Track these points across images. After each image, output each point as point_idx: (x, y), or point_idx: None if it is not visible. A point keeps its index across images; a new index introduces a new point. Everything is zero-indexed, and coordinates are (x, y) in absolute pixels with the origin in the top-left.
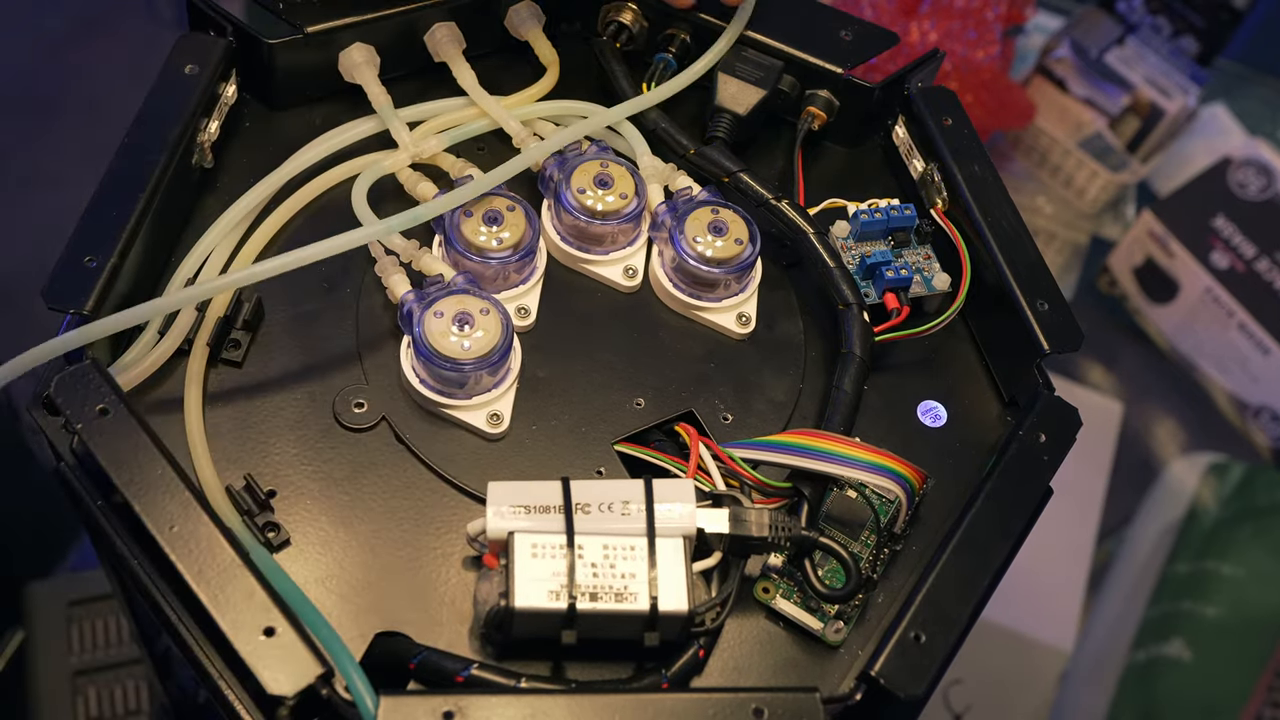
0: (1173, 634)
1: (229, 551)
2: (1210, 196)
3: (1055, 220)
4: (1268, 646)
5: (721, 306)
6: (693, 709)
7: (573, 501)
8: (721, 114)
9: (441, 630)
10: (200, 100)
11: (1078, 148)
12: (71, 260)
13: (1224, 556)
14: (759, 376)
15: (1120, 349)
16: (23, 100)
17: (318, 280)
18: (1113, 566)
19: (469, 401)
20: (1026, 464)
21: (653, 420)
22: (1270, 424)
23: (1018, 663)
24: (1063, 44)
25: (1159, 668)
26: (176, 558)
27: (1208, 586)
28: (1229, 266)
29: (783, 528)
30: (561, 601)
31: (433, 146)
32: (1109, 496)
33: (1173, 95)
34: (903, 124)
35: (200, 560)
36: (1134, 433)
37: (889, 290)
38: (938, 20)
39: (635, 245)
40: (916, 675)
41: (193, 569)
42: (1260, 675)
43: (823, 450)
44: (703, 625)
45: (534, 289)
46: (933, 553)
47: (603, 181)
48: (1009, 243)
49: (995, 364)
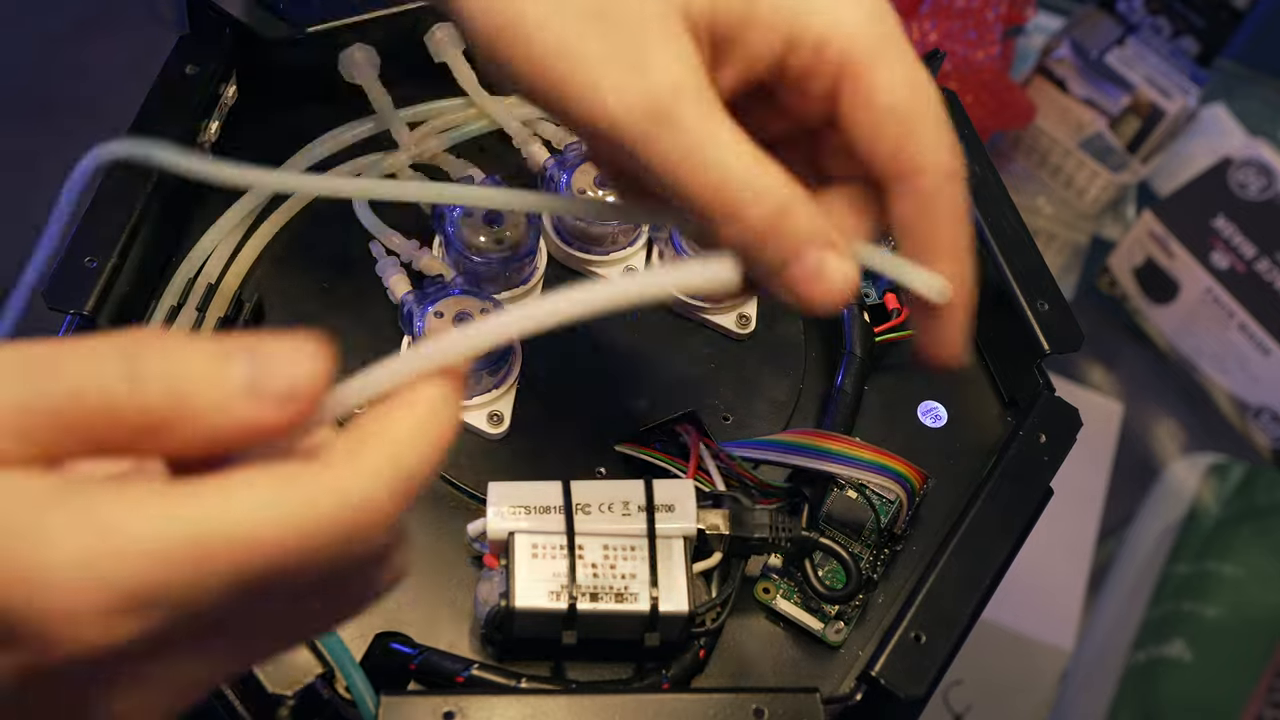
0: (1173, 634)
1: None
2: (1210, 197)
3: (1055, 220)
4: (1268, 647)
5: (721, 307)
6: (693, 709)
7: (573, 502)
8: None
9: (442, 630)
10: (200, 100)
11: (1078, 148)
12: (71, 260)
13: (1224, 557)
14: (759, 376)
15: (1120, 349)
16: (23, 100)
17: (318, 281)
18: (1113, 567)
19: (469, 402)
20: (1027, 464)
21: (653, 420)
22: (1270, 424)
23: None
24: (1063, 44)
25: (1159, 668)
26: None
27: (1208, 587)
28: (1229, 267)
29: (783, 528)
30: (562, 602)
31: (433, 147)
32: (1109, 497)
33: (1173, 95)
34: None
35: None
36: (1134, 433)
37: (889, 290)
38: (938, 20)
39: (635, 245)
40: (917, 675)
41: None
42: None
43: (823, 450)
44: (703, 625)
45: (534, 289)
46: (933, 553)
47: (603, 182)
48: (1009, 243)
49: (995, 364)
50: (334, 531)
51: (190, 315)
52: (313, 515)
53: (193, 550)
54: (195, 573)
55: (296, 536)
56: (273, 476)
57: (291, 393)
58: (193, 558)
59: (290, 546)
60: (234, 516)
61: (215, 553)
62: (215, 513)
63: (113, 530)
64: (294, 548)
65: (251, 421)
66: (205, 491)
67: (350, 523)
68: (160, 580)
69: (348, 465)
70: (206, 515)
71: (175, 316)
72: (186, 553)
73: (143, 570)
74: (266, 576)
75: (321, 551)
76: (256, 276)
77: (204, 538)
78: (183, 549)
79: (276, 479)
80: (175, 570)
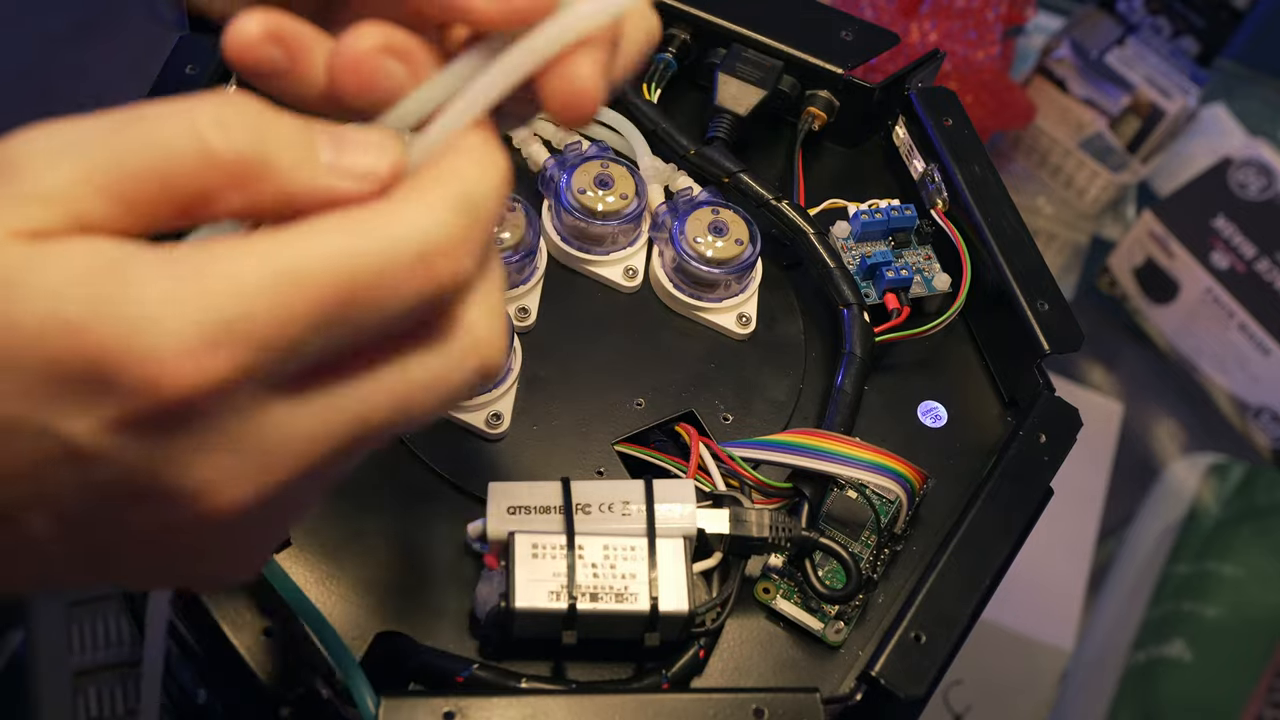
0: (1173, 635)
1: None
2: (1210, 197)
3: (1055, 220)
4: (1268, 647)
5: (722, 307)
6: (693, 709)
7: (573, 502)
8: (721, 114)
9: (442, 630)
10: None
11: (1078, 148)
12: None
13: (1225, 557)
14: (759, 376)
15: (1120, 349)
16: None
17: None
18: (1113, 567)
19: (469, 401)
20: (1027, 464)
21: (653, 420)
22: (1271, 424)
23: (1018, 663)
24: (1063, 44)
25: (1159, 668)
26: None
27: (1208, 587)
28: (1229, 267)
29: (783, 528)
30: (562, 602)
31: None
32: (1109, 497)
33: (1173, 95)
34: (903, 124)
35: None
36: (1134, 433)
37: (889, 290)
38: (938, 20)
39: (635, 245)
40: (917, 675)
41: None
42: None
43: (823, 450)
44: (703, 625)
45: (534, 289)
46: (933, 553)
47: (603, 182)
48: (1009, 243)
49: (995, 364)
50: (412, 258)
51: None
52: (390, 244)
53: (275, 281)
54: (280, 304)
55: (377, 263)
56: (347, 218)
57: (370, 172)
58: (276, 288)
59: (370, 273)
60: (313, 252)
61: (298, 282)
62: (294, 250)
63: (197, 272)
64: (374, 275)
65: (332, 187)
66: (283, 234)
67: (428, 247)
68: (246, 312)
69: (420, 200)
70: (286, 252)
71: None
72: (270, 283)
73: (229, 304)
74: (349, 309)
75: (402, 281)
76: None
77: (285, 270)
78: (266, 280)
79: (351, 219)
80: (261, 302)
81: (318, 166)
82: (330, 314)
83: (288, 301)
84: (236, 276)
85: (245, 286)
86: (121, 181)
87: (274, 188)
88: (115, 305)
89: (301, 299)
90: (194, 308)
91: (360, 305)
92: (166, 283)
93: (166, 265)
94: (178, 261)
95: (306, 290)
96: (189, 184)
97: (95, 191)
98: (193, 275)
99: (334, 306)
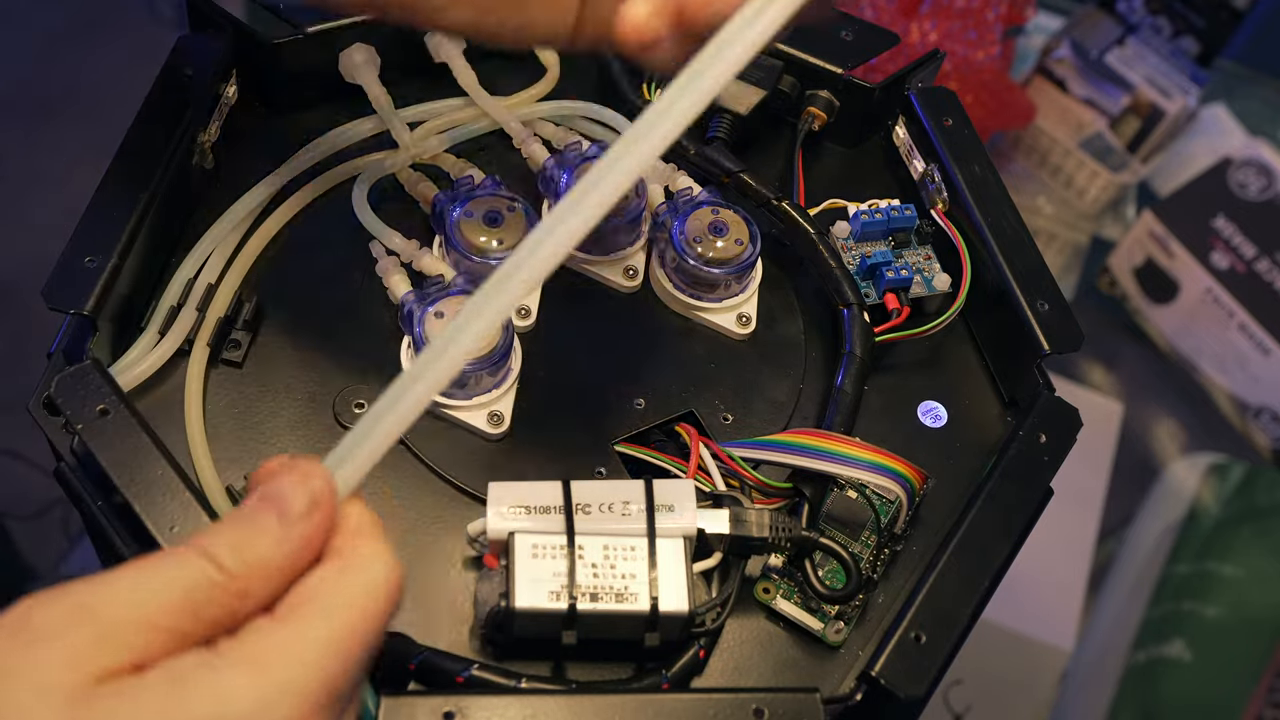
0: (1173, 635)
1: None
2: (1210, 197)
3: (1055, 220)
4: (1268, 647)
5: (721, 307)
6: (693, 709)
7: (573, 502)
8: (721, 114)
9: (442, 630)
10: (200, 100)
11: (1078, 148)
12: (71, 260)
13: (1224, 557)
14: (759, 376)
15: (1120, 349)
16: (23, 100)
17: (318, 281)
18: (1113, 567)
19: (469, 402)
20: (1027, 464)
21: (653, 420)
22: (1270, 424)
23: (1018, 663)
24: (1063, 44)
25: (1159, 668)
26: None
27: (1208, 587)
28: (1229, 267)
29: (783, 528)
30: (562, 602)
31: (433, 146)
32: (1109, 497)
33: (1173, 95)
34: (903, 124)
35: None
36: (1134, 433)
37: (889, 290)
38: (938, 20)
39: (635, 245)
40: (917, 675)
41: None
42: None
43: (823, 450)
44: (703, 626)
45: (534, 289)
46: (933, 553)
47: None
48: (1009, 243)
49: (995, 364)
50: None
51: (190, 315)
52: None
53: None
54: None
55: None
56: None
57: (315, 501)
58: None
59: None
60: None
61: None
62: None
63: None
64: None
65: (305, 536)
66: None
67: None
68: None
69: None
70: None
71: (175, 316)
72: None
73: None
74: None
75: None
76: (256, 276)
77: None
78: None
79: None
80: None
81: (285, 531)
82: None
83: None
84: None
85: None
86: (171, 622)
87: (261, 583)
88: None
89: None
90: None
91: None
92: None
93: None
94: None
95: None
96: (209, 613)
97: (151, 630)
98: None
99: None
